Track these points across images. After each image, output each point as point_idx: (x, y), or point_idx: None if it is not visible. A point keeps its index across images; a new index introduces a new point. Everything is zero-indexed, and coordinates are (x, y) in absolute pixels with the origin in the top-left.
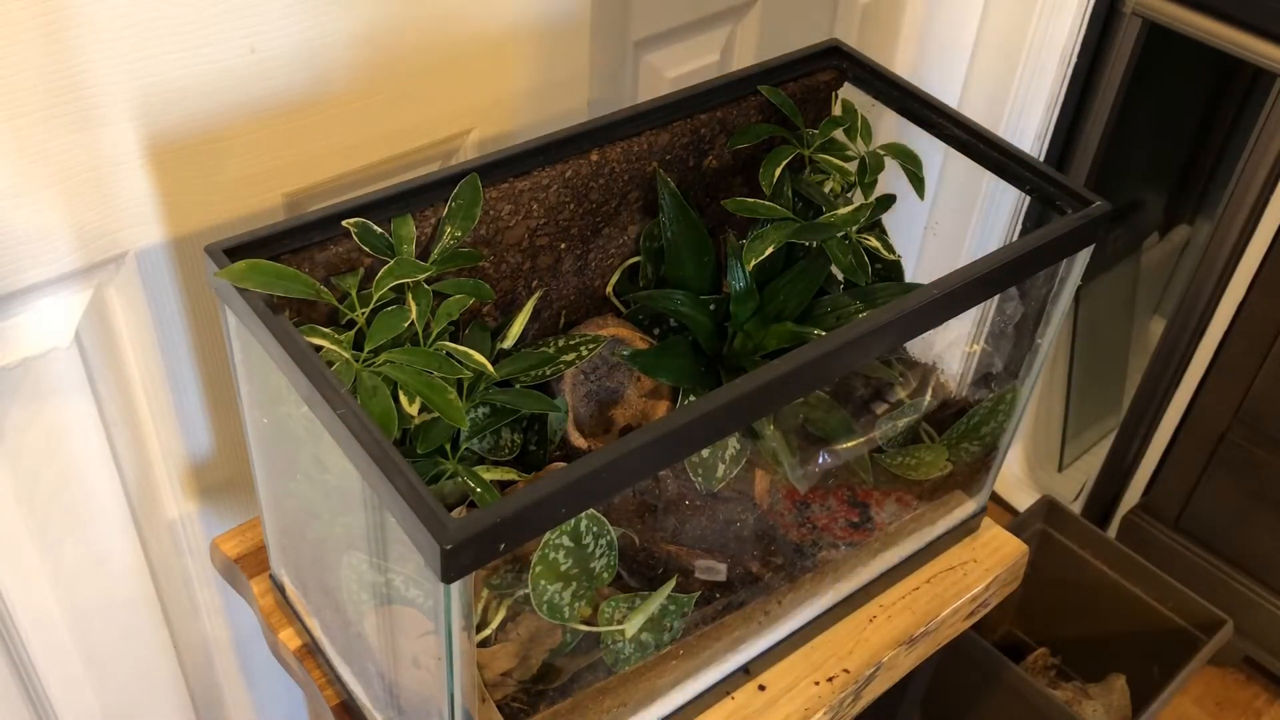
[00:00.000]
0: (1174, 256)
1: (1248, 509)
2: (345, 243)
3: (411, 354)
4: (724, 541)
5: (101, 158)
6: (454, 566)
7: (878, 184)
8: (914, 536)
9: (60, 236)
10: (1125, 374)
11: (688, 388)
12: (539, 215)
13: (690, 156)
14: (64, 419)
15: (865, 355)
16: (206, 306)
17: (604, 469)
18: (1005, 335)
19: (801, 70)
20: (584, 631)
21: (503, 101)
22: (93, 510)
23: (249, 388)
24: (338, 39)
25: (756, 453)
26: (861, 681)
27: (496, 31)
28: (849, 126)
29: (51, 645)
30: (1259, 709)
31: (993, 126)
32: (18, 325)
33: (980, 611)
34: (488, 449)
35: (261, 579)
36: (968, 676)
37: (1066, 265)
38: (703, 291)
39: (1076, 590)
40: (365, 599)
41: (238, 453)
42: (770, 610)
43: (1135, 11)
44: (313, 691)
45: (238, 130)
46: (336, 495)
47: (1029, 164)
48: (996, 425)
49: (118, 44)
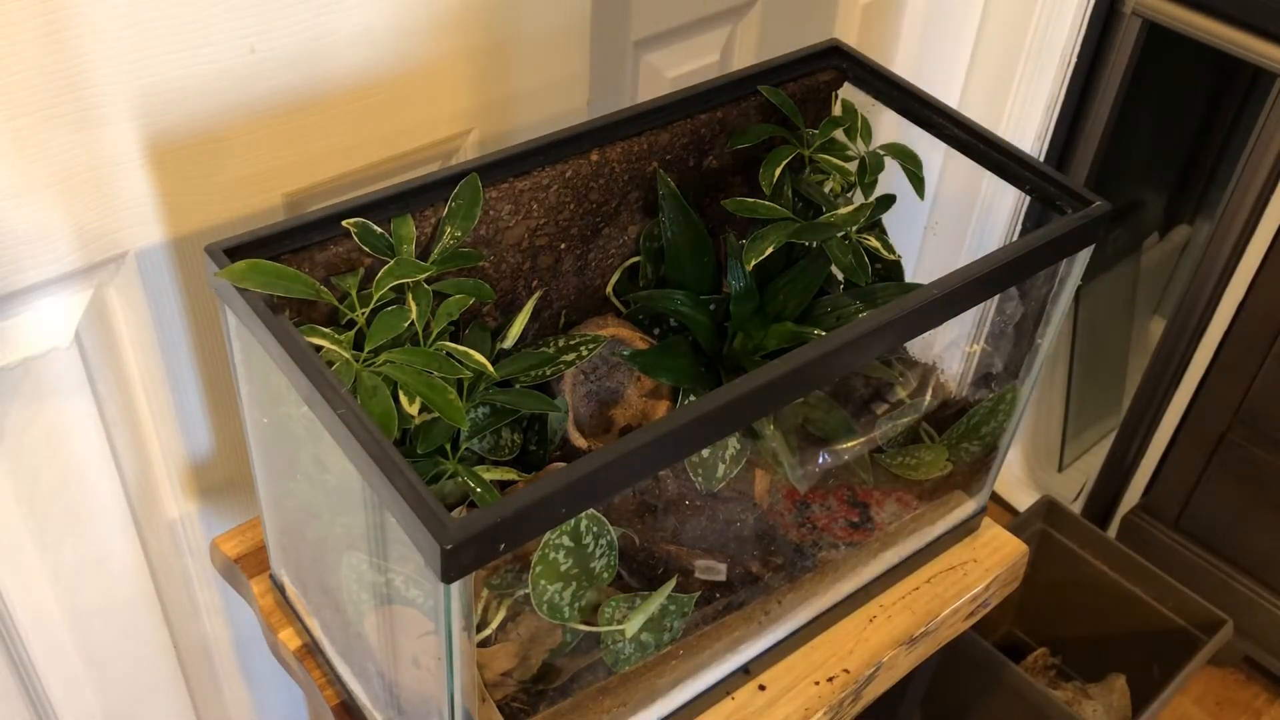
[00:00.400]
0: (1174, 256)
1: (1248, 509)
2: (345, 243)
3: (411, 354)
4: (724, 541)
5: (101, 158)
6: (454, 566)
7: (878, 184)
8: (914, 536)
9: (60, 236)
10: (1125, 374)
11: (688, 388)
12: (539, 215)
13: (690, 156)
14: (64, 419)
15: (865, 355)
16: (206, 306)
17: (604, 469)
18: (1005, 335)
19: (801, 70)
20: (584, 631)
21: (503, 101)
22: (93, 510)
23: (249, 388)
24: (338, 39)
25: (756, 453)
26: (861, 681)
27: (496, 31)
28: (849, 126)
29: (51, 645)
30: (1259, 709)
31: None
32: (18, 325)
33: (980, 611)
34: (488, 449)
35: (261, 579)
36: (968, 676)
37: (1066, 265)
38: (703, 291)
39: (1076, 590)
40: (365, 599)
41: (238, 453)
42: (770, 610)
43: (1135, 11)
44: (313, 691)
45: (238, 130)
46: (336, 495)
47: (1029, 164)
48: (996, 425)
49: (118, 44)
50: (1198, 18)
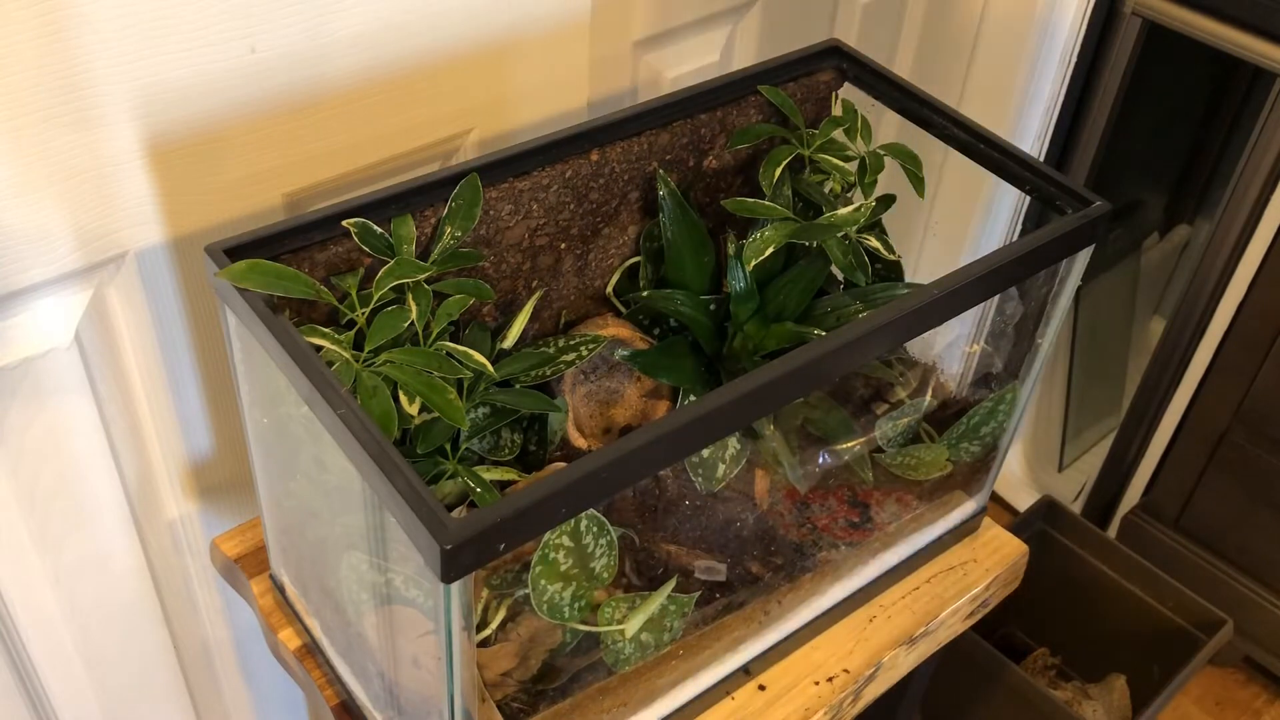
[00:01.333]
0: (1174, 256)
1: (1248, 509)
2: (345, 243)
3: (411, 354)
4: (724, 541)
5: (101, 158)
6: (454, 566)
7: (878, 184)
8: (914, 536)
9: (60, 236)
10: (1125, 374)
11: (688, 388)
12: (539, 215)
13: (690, 156)
14: (64, 419)
15: (865, 355)
16: (206, 306)
17: (604, 469)
18: (1005, 335)
19: (801, 70)
20: (584, 631)
21: (503, 101)
22: (93, 510)
23: (249, 388)
24: (338, 39)
25: (756, 453)
26: (861, 681)
27: (496, 31)
28: (849, 126)
29: (51, 645)
30: (1259, 709)
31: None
32: (18, 325)
33: (980, 611)
34: (488, 449)
35: (261, 579)
36: (968, 676)
37: (1066, 265)
38: (703, 291)
39: (1076, 590)
40: (365, 599)
41: (238, 453)
42: (770, 610)
43: (1135, 11)
44: (313, 691)
45: (238, 130)
46: (336, 495)
47: (1029, 164)
48: (996, 425)
49: (118, 44)
50: (1198, 18)
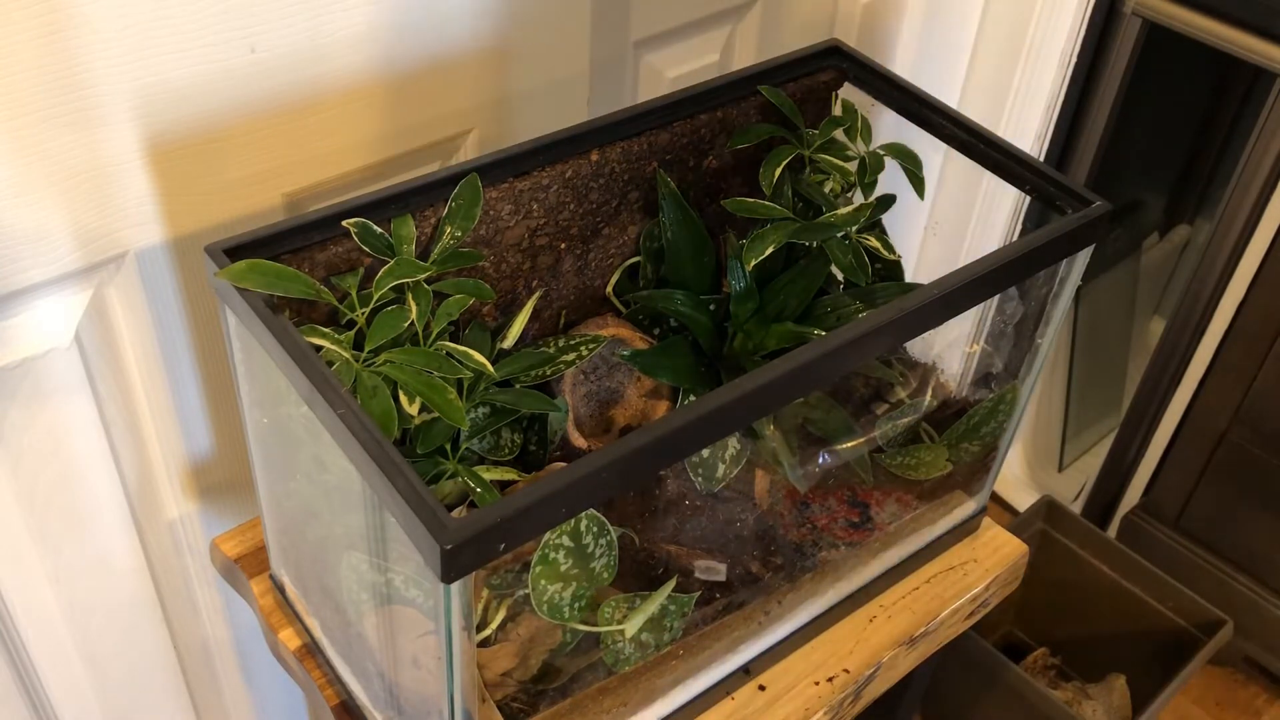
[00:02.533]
0: (1174, 256)
1: (1248, 509)
2: (345, 243)
3: (411, 354)
4: (724, 541)
5: (101, 158)
6: (454, 566)
7: (878, 184)
8: (914, 536)
9: (60, 236)
10: (1125, 374)
11: (688, 388)
12: (539, 215)
13: (690, 156)
14: (64, 419)
15: (865, 355)
16: (206, 306)
17: (604, 469)
18: (1005, 335)
19: (801, 70)
20: (584, 631)
21: (503, 101)
22: (93, 510)
23: (249, 388)
24: (338, 39)
25: (756, 453)
26: (861, 681)
27: (497, 32)
28: (849, 126)
29: (51, 645)
30: (1259, 709)
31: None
32: (18, 325)
33: (980, 611)
34: (488, 449)
35: (261, 579)
36: (968, 676)
37: (1066, 265)
38: (703, 291)
39: (1076, 590)
40: (365, 599)
41: (238, 453)
42: (770, 610)
43: (1135, 11)
44: (313, 691)
45: (238, 130)
46: (336, 495)
47: (1029, 164)
48: (996, 425)
49: (117, 44)
50: (1198, 18)
